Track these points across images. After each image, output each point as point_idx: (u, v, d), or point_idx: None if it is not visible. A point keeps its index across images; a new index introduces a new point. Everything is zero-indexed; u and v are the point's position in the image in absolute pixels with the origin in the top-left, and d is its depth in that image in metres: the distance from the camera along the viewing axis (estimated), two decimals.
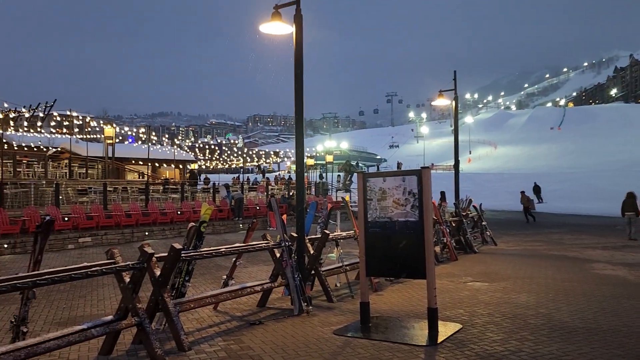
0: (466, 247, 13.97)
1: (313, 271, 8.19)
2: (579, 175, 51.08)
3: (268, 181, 39.01)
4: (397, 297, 8.36)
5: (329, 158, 51.24)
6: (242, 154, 68.09)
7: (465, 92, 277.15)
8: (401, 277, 8.92)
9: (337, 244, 9.11)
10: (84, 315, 7.26)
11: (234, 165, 68.46)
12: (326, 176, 46.45)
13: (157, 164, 37.76)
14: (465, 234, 14.11)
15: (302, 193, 8.48)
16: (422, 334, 6.15)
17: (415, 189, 6.43)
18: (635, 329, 6.30)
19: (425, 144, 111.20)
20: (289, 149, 65.28)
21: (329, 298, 8.02)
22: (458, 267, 11.51)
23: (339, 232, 9.46)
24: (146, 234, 18.32)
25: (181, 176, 38.80)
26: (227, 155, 67.50)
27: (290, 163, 72.99)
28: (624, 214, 16.60)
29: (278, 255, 7.59)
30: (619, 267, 11.18)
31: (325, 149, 67.98)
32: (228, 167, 69.00)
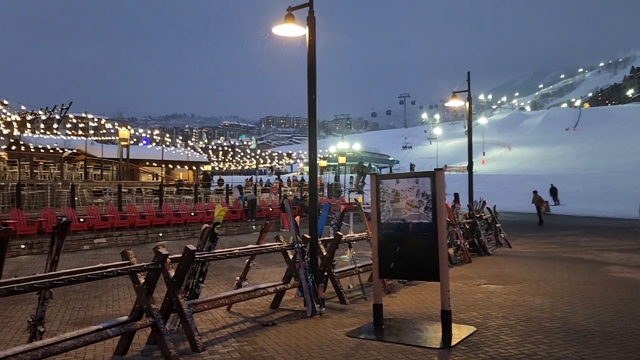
0: (480, 249, 13.88)
1: (326, 273, 8.19)
2: (594, 177, 50.47)
3: (281, 182, 39.09)
4: (410, 299, 8.33)
5: (341, 159, 51.31)
6: (255, 156, 68.32)
7: (479, 93, 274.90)
8: (414, 279, 8.92)
9: (349, 245, 9.12)
10: (99, 316, 7.34)
11: (247, 167, 68.73)
12: (338, 177, 46.45)
13: (170, 166, 38.00)
14: (479, 236, 14.02)
15: (315, 195, 8.49)
16: (436, 336, 6.13)
17: (429, 190, 6.41)
18: None
19: (438, 146, 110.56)
20: (301, 151, 65.44)
21: (342, 300, 8.02)
22: (472, 269, 11.44)
23: (351, 234, 9.47)
24: (160, 235, 18.47)
25: (194, 178, 39.03)
26: (240, 156, 67.83)
27: (303, 164, 73.06)
28: None
29: (291, 256, 7.61)
30: (635, 270, 11.03)
31: (337, 150, 67.93)
32: (241, 168, 69.28)
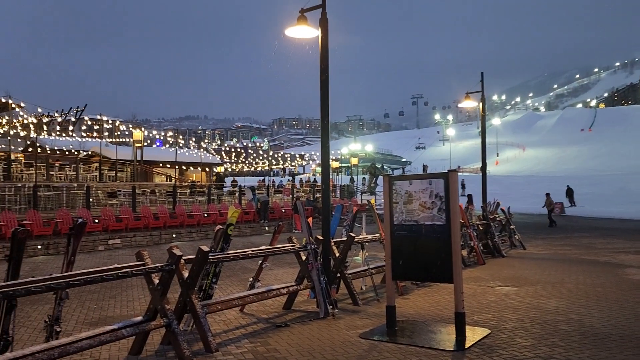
0: (494, 251, 13.77)
1: (339, 274, 8.18)
2: (610, 178, 49.88)
3: (293, 184, 39.17)
4: (423, 301, 8.29)
5: (353, 161, 51.18)
6: (267, 157, 68.51)
7: (492, 94, 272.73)
8: (427, 281, 8.87)
9: (362, 247, 9.10)
10: (114, 316, 7.40)
11: (259, 168, 68.92)
12: (353, 179, 46.41)
13: (184, 167, 38.26)
14: (492, 237, 13.91)
15: (328, 196, 8.49)
16: (450, 338, 6.09)
17: (442, 192, 6.38)
18: None
19: (451, 147, 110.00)
20: (314, 152, 65.46)
21: (355, 301, 8.00)
22: (486, 271, 11.35)
23: (364, 235, 9.44)
24: (174, 236, 18.59)
25: (208, 179, 39.25)
26: (252, 158, 68.06)
27: (315, 166, 73.08)
28: None
29: (304, 258, 7.61)
30: None
31: (350, 151, 67.77)
32: (253, 170, 69.50)
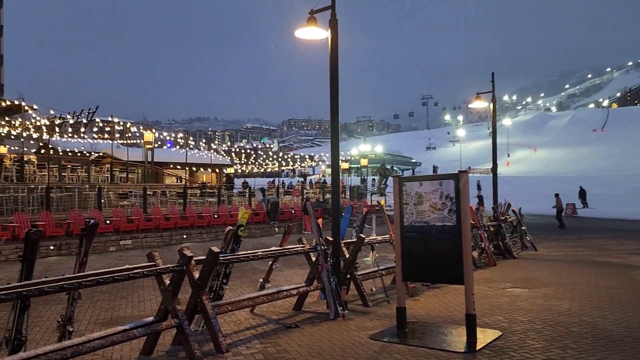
0: (505, 252, 13.68)
1: (349, 275, 8.18)
2: (623, 178, 49.37)
3: (303, 185, 39.21)
4: (434, 302, 8.26)
5: (363, 162, 51.14)
6: (277, 158, 68.66)
7: (503, 94, 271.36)
8: (438, 282, 8.84)
9: (372, 248, 9.09)
10: (125, 316, 7.46)
11: (269, 169, 69.07)
12: (365, 180, 46.39)
13: (194, 168, 38.48)
14: (503, 238, 13.82)
15: (338, 197, 8.49)
16: (460, 340, 6.06)
17: (453, 193, 6.36)
18: None
19: (461, 147, 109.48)
20: (323, 153, 65.40)
21: (365, 302, 7.99)
22: (496, 272, 11.28)
23: (374, 236, 9.43)
24: (184, 237, 18.69)
25: (218, 180, 39.42)
26: (262, 159, 68.24)
27: (325, 167, 73.06)
28: None
29: (314, 259, 7.62)
30: None
31: (359, 152, 67.75)
32: (263, 171, 69.67)
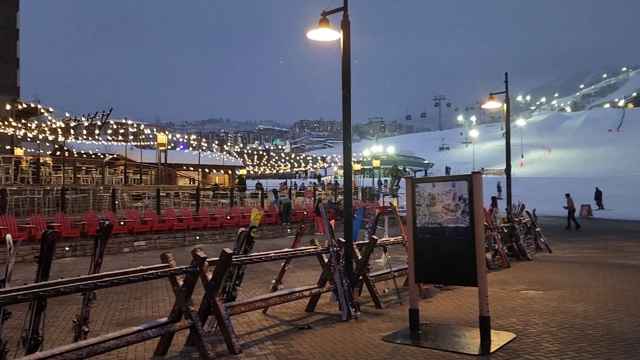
0: (519, 254, 13.57)
1: (361, 277, 8.16)
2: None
3: (316, 186, 39.22)
4: (447, 304, 8.21)
5: (375, 163, 51.01)
6: (289, 160, 68.69)
7: (516, 94, 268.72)
8: (451, 284, 8.79)
9: (385, 249, 9.06)
10: (139, 317, 7.52)
11: (281, 171, 69.11)
12: (373, 181, 46.26)
13: (207, 170, 38.67)
14: (517, 240, 13.71)
15: (350, 198, 8.48)
16: (474, 342, 6.02)
17: (466, 194, 6.32)
18: None
19: (474, 148, 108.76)
20: (335, 154, 65.26)
21: (377, 304, 7.97)
22: (510, 274, 11.19)
23: (386, 238, 9.40)
24: (197, 238, 18.79)
25: (230, 182, 39.58)
26: (274, 160, 68.32)
27: (337, 168, 72.97)
28: None
29: (326, 260, 7.61)
30: None
31: (371, 153, 67.53)
32: (275, 172, 69.73)
